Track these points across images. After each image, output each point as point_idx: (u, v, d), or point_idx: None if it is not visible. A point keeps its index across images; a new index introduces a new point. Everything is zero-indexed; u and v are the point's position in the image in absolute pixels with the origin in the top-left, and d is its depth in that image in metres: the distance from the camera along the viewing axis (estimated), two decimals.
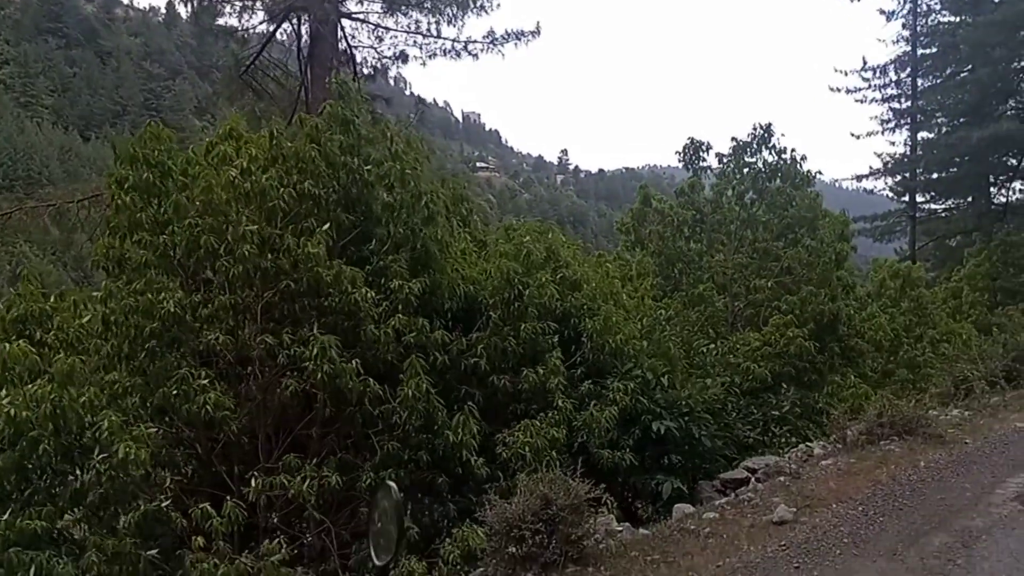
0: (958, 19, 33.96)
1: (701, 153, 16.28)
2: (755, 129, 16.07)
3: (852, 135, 38.08)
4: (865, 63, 36.39)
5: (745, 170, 15.90)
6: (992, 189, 34.61)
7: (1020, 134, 29.67)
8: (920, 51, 35.66)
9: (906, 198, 37.15)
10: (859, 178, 37.70)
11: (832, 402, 11.87)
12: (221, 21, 19.76)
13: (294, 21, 19.22)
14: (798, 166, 15.77)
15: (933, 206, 37.88)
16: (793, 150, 15.90)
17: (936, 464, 7.72)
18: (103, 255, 7.32)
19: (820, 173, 16.29)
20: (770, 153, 15.85)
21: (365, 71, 20.32)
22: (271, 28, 19.64)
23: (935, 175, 35.79)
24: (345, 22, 19.35)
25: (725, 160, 16.24)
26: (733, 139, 16.32)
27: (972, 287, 26.98)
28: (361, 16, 19.66)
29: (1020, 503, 6.37)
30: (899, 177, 37.13)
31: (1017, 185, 34.19)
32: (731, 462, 9.54)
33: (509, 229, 9.93)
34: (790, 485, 7.56)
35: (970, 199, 35.64)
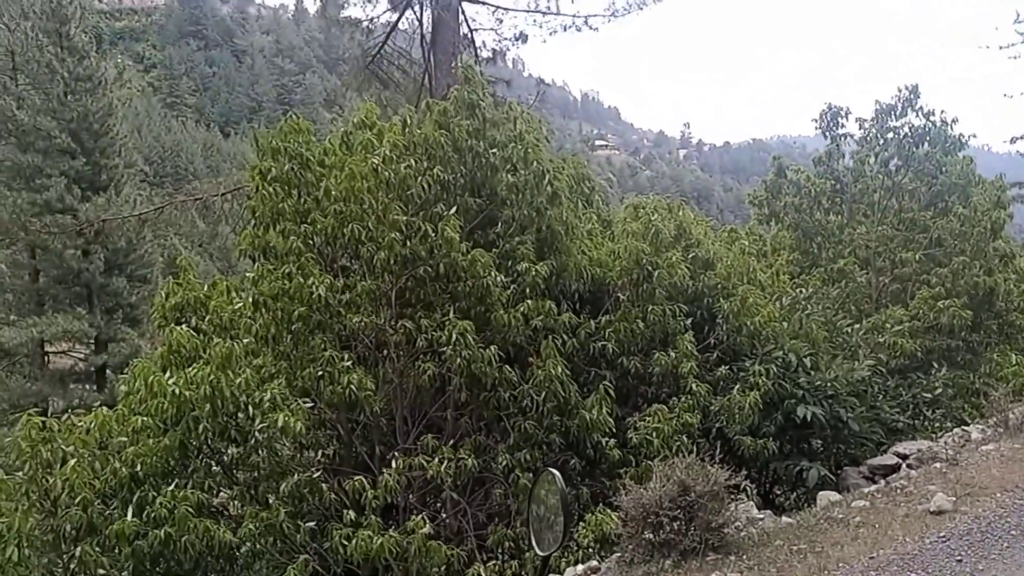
0: None
1: (840, 119, 15.34)
2: (900, 91, 14.99)
3: (1005, 95, 35.03)
4: (1019, 15, 33.29)
5: (889, 135, 14.88)
6: None
7: None
8: None
9: None
10: (1014, 140, 34.61)
11: (990, 382, 10.99)
12: (346, 13, 20.34)
13: (416, 9, 19.53)
14: (948, 129, 14.60)
15: None
16: (943, 112, 14.76)
17: None
18: (249, 244, 7.69)
19: (974, 136, 14.99)
20: (917, 116, 14.75)
21: (484, 54, 20.42)
22: (395, 17, 20.05)
23: None
24: (465, 5, 19.48)
25: (867, 126, 15.24)
26: (876, 102, 15.26)
27: None
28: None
29: None
30: None
31: None
32: (879, 447, 9.01)
33: (637, 207, 9.72)
34: (947, 472, 7.05)
35: None
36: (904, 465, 7.90)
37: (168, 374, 6.53)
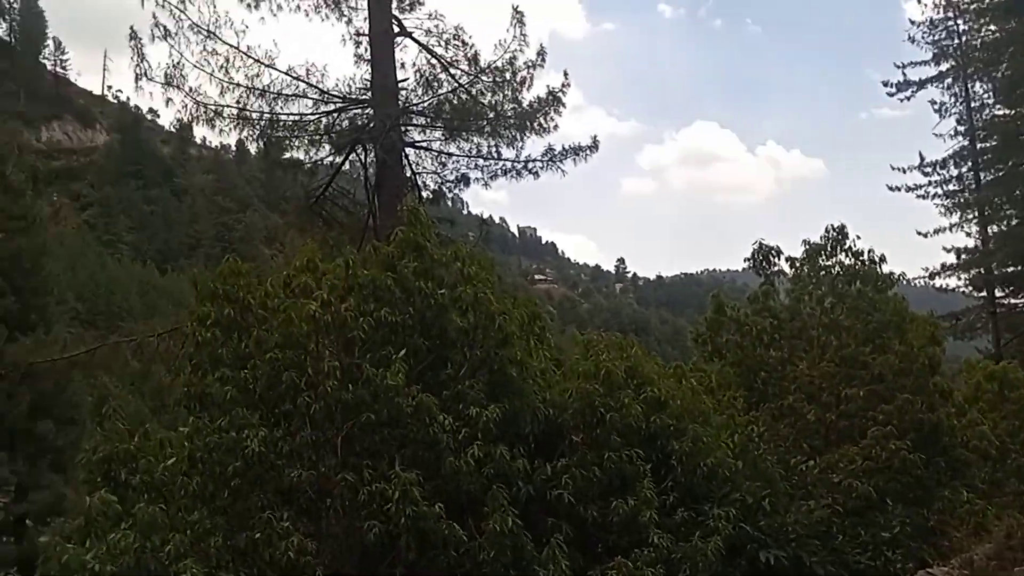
0: (1013, 112, 33.61)
1: (772, 258, 15.86)
2: (828, 232, 15.64)
3: (918, 233, 37.26)
4: (923, 159, 36.01)
5: (821, 274, 15.38)
6: None
7: None
8: (979, 144, 35.26)
9: (983, 293, 35.82)
10: (932, 275, 36.60)
11: (946, 519, 10.88)
12: (289, 155, 20.58)
13: (360, 152, 19.92)
14: (877, 268, 15.17)
15: (1013, 300, 36.35)
16: (871, 251, 15.37)
17: None
18: (185, 393, 7.28)
19: (904, 275, 15.60)
20: (846, 255, 15.33)
21: (426, 194, 20.78)
22: (338, 160, 20.38)
23: (1011, 268, 34.50)
24: (409, 150, 19.96)
25: (798, 264, 15.76)
26: (805, 242, 15.86)
27: None
28: (424, 144, 20.27)
29: None
30: (974, 272, 35.94)
31: None
32: None
33: (587, 345, 9.62)
34: None
35: None
36: None
37: (88, 544, 5.92)
